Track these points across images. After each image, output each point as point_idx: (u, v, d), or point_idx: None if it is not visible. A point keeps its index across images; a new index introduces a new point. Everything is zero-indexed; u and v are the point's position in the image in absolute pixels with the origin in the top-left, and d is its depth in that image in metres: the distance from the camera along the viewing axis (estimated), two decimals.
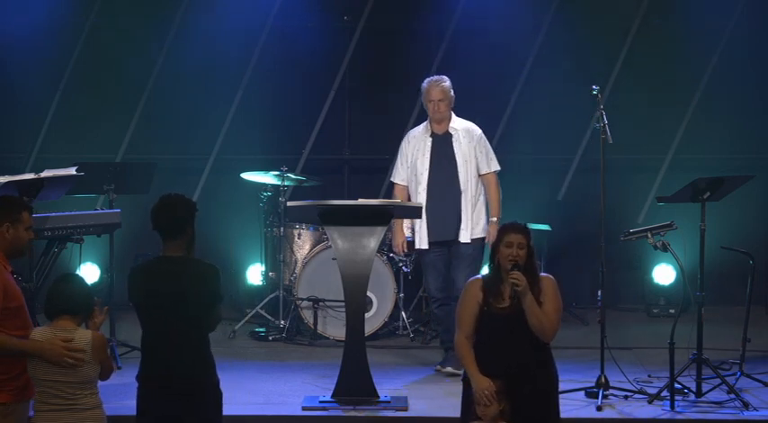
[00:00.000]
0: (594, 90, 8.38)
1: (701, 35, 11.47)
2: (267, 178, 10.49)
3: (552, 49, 11.56)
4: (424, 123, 9.14)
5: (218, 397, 6.10)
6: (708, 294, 8.38)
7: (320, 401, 8.05)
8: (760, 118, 11.53)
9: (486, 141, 9.06)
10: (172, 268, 6.01)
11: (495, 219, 8.91)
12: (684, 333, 8.16)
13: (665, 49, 11.55)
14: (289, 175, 10.37)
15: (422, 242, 8.97)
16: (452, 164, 8.92)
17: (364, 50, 11.69)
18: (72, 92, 11.66)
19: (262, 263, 10.92)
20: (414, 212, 8.64)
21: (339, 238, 8.13)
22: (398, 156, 9.14)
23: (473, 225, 8.91)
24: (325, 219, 8.20)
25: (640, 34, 11.62)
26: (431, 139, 9.02)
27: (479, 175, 8.98)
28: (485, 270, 7.37)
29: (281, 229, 10.39)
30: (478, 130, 9.04)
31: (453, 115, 9.07)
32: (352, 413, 7.90)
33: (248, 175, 10.54)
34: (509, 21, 11.46)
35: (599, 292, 8.31)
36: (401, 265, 10.26)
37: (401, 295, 10.25)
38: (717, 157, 11.28)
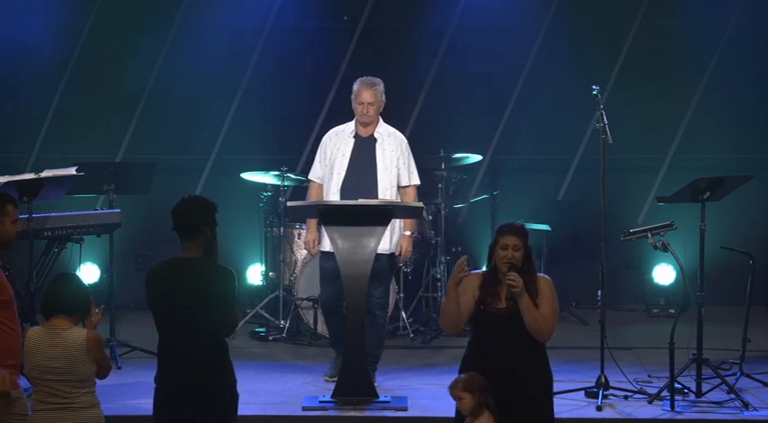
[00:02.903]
0: (594, 90, 8.37)
1: (700, 35, 11.48)
2: (267, 178, 10.49)
3: (552, 49, 11.56)
4: (350, 123, 8.75)
5: (233, 399, 6.08)
6: (708, 294, 8.37)
7: (320, 401, 8.04)
8: (760, 118, 11.54)
9: (410, 153, 8.73)
10: (186, 270, 5.99)
11: (408, 233, 8.70)
12: (684, 333, 8.15)
13: (665, 49, 11.55)
14: (289, 175, 10.37)
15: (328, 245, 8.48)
16: (372, 169, 8.59)
17: (364, 50, 11.69)
18: (72, 92, 11.67)
19: (262, 263, 10.93)
20: (414, 212, 8.61)
21: (339, 238, 8.12)
22: (318, 152, 8.79)
23: (389, 237, 8.49)
24: (325, 219, 8.19)
25: (640, 34, 11.63)
26: (354, 140, 8.65)
27: (399, 187, 8.67)
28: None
29: (281, 229, 10.39)
30: (405, 140, 8.74)
31: (381, 121, 8.72)
32: (352, 413, 7.89)
33: (248, 175, 10.54)
34: (509, 20, 11.46)
35: (599, 292, 8.30)
36: (401, 265, 10.26)
37: (401, 295, 10.25)
38: (717, 157, 11.29)
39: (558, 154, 11.67)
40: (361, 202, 8.35)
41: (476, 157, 10.65)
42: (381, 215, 8.16)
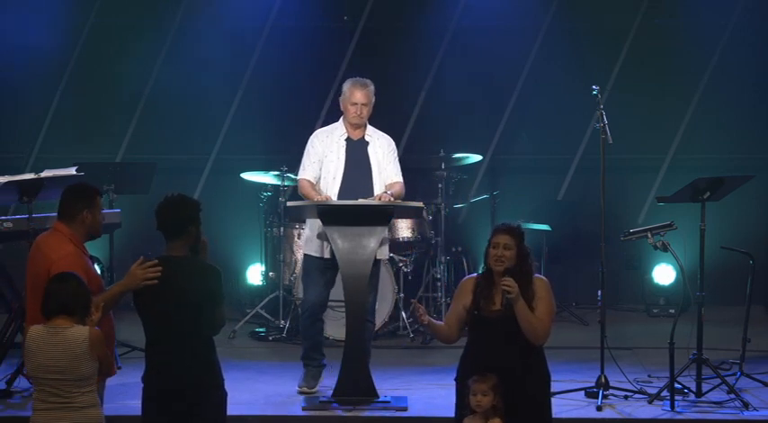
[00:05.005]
0: (594, 90, 8.37)
1: (700, 35, 11.48)
2: (267, 178, 10.49)
3: (552, 49, 11.56)
4: (336, 125, 8.50)
5: (222, 398, 6.09)
6: (708, 294, 8.37)
7: (320, 401, 8.05)
8: (760, 118, 11.54)
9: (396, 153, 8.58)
10: (172, 269, 6.00)
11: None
12: (684, 333, 8.15)
13: (665, 49, 11.56)
14: (289, 175, 10.35)
15: (324, 250, 8.29)
16: (367, 171, 8.42)
17: (364, 50, 11.70)
18: (72, 92, 11.68)
19: (262, 263, 10.93)
20: (414, 212, 8.58)
21: (339, 238, 8.11)
22: (306, 155, 8.42)
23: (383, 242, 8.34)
24: (325, 219, 8.19)
25: (640, 34, 11.63)
26: (345, 143, 8.42)
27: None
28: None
29: (281, 229, 10.39)
30: (393, 142, 8.55)
31: (367, 123, 8.50)
32: (353, 413, 7.89)
33: (248, 175, 10.54)
34: (509, 20, 11.47)
35: (599, 292, 8.30)
36: (401, 265, 10.26)
37: (401, 295, 10.25)
38: (717, 157, 11.29)
39: (558, 154, 11.68)
40: (361, 201, 8.33)
41: (476, 157, 10.64)
42: (381, 215, 8.16)
